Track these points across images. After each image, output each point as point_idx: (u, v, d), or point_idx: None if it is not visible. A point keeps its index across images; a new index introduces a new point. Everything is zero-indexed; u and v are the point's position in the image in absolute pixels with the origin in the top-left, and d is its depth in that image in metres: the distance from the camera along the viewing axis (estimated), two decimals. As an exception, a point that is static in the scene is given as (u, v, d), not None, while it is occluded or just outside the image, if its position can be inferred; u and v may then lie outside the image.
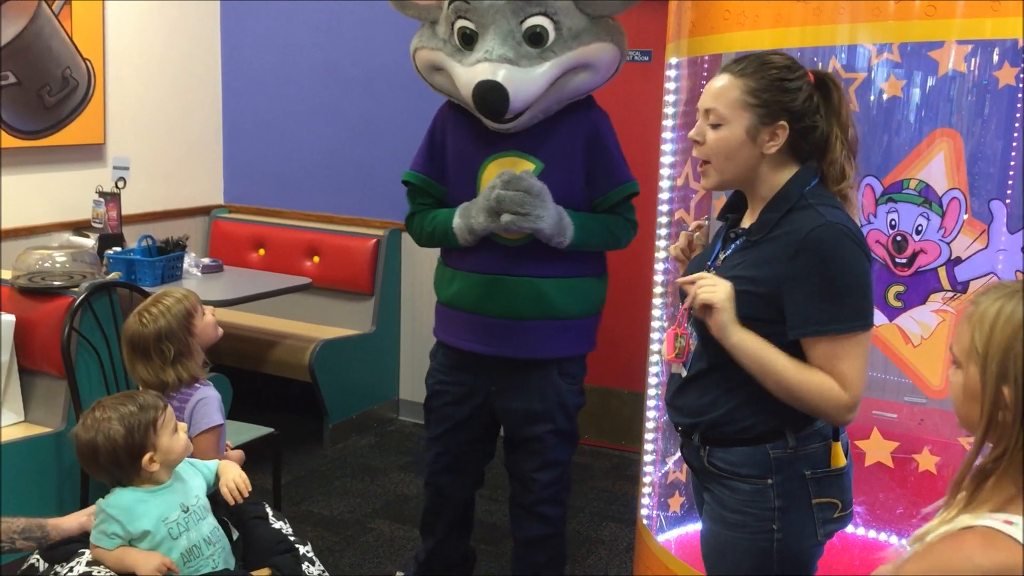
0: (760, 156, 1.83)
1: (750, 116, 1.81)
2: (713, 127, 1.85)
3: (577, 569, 3.41)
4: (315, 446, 4.42)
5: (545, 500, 2.75)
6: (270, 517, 2.11)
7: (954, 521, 1.27)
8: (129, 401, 1.94)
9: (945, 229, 2.59)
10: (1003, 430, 1.26)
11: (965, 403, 1.32)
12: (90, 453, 1.90)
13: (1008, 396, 1.25)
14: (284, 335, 4.54)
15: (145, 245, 3.88)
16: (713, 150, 1.85)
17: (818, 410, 1.80)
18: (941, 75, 2.54)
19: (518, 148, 2.59)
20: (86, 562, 1.88)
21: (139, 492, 1.92)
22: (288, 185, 4.99)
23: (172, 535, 1.90)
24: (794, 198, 1.83)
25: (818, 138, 1.84)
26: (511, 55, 2.47)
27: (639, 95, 4.22)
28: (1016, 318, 1.25)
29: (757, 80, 1.81)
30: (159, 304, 2.34)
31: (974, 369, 1.29)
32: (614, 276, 4.41)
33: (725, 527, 1.91)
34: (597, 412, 4.56)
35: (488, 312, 2.63)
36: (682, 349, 1.93)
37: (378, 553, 3.47)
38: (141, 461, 1.90)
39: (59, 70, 4.17)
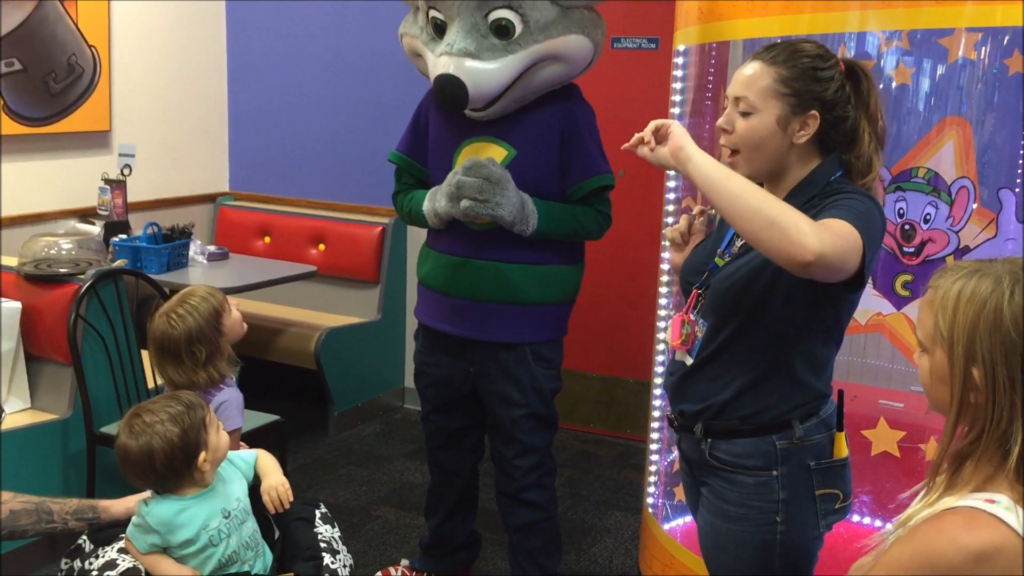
0: (789, 146, 1.81)
1: (781, 105, 1.78)
2: (743, 115, 1.81)
3: (582, 557, 3.41)
4: (320, 434, 4.43)
5: (528, 487, 2.77)
6: (316, 520, 2.06)
7: (936, 504, 1.27)
8: (174, 401, 1.88)
9: (954, 218, 2.58)
10: (976, 411, 1.25)
11: (934, 386, 1.31)
12: (145, 459, 1.81)
13: (978, 377, 1.24)
14: (289, 323, 4.54)
15: (151, 232, 3.88)
16: (742, 139, 1.82)
17: (777, 233, 1.59)
18: (951, 63, 2.52)
19: (492, 134, 2.61)
20: (117, 548, 1.88)
21: (182, 501, 1.85)
22: (293, 172, 4.99)
23: (213, 542, 1.85)
24: (820, 186, 1.81)
25: (848, 129, 1.82)
26: (472, 48, 2.48)
27: (646, 83, 4.20)
28: (977, 297, 1.24)
29: (789, 68, 1.79)
30: (185, 304, 2.28)
31: (941, 353, 1.27)
32: (619, 265, 4.43)
33: (726, 521, 1.89)
34: (602, 401, 4.57)
35: (454, 293, 2.67)
36: (688, 336, 1.92)
37: (383, 541, 3.47)
38: (197, 461, 1.84)
39: (64, 57, 4.16)
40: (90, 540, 1.91)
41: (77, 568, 1.88)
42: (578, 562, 3.37)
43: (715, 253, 1.93)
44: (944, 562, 1.18)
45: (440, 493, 2.99)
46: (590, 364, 4.55)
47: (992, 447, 1.24)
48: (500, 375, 2.69)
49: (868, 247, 1.66)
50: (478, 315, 2.65)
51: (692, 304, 1.93)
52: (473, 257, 2.63)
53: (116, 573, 1.80)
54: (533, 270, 2.63)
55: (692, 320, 1.92)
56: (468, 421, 2.88)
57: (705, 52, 2.76)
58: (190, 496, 1.86)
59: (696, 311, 1.92)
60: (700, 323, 1.91)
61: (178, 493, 1.86)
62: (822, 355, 1.86)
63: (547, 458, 2.80)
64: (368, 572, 3.13)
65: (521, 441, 2.73)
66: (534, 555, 2.81)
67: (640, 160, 1.88)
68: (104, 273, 3.21)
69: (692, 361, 1.92)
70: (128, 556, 1.85)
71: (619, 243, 4.41)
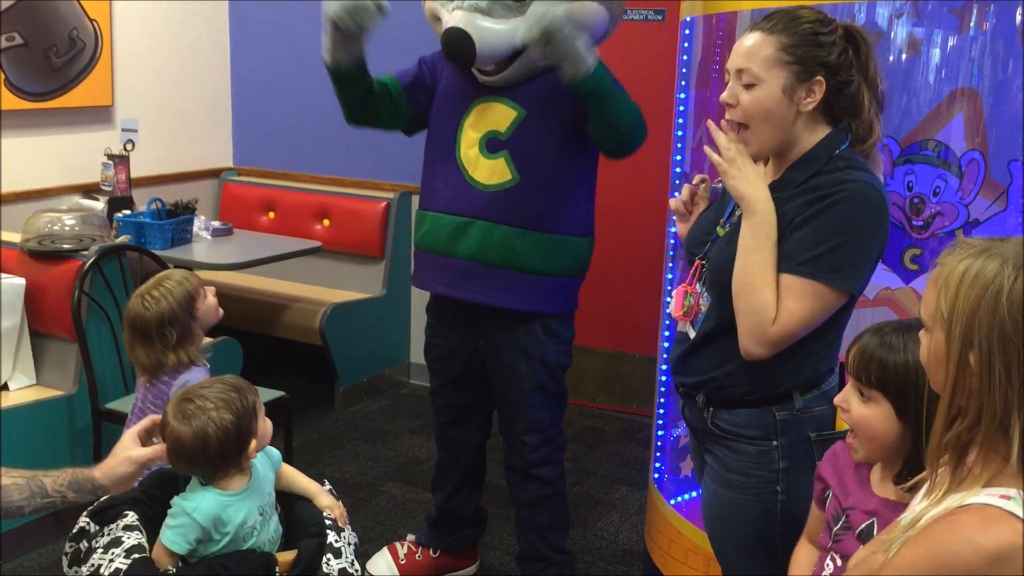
0: (796, 115, 1.79)
1: (786, 74, 1.76)
2: (747, 87, 1.78)
3: (588, 532, 3.41)
4: (326, 410, 4.43)
5: (538, 462, 2.76)
6: None
7: (943, 501, 1.22)
8: (225, 386, 1.82)
9: (963, 191, 2.55)
10: (971, 396, 1.20)
11: (933, 367, 1.27)
12: (199, 446, 1.76)
13: (974, 362, 1.19)
14: (294, 299, 4.53)
15: (155, 208, 3.86)
16: (748, 112, 1.79)
17: (741, 324, 1.78)
18: (962, 33, 2.49)
19: (502, 95, 2.55)
20: (123, 526, 1.86)
21: (224, 496, 1.81)
22: (297, 147, 4.96)
23: (245, 539, 1.82)
24: (823, 160, 1.79)
25: (851, 94, 1.80)
26: (484, 6, 2.43)
27: (652, 55, 4.16)
28: (981, 279, 1.19)
29: (790, 36, 1.76)
30: (161, 286, 2.31)
31: (940, 334, 1.23)
32: (625, 239, 4.41)
33: (728, 488, 1.90)
34: (608, 376, 4.56)
35: (456, 254, 2.59)
36: (691, 308, 1.91)
37: (389, 516, 3.48)
38: (248, 449, 1.80)
39: (66, 31, 4.13)
40: (94, 521, 1.89)
41: (84, 548, 1.87)
42: (584, 537, 3.37)
43: (717, 222, 1.92)
44: (960, 563, 1.14)
45: (447, 469, 2.98)
46: (596, 339, 4.54)
47: (994, 438, 1.19)
48: (510, 348, 2.67)
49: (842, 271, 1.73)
50: (481, 277, 2.59)
51: (695, 274, 1.92)
52: (479, 218, 2.56)
53: (122, 550, 1.78)
54: (540, 237, 2.57)
55: (696, 292, 1.91)
56: (477, 397, 2.86)
57: (712, 23, 2.72)
58: (232, 492, 1.82)
59: (700, 282, 1.91)
60: (703, 294, 1.90)
61: (221, 484, 1.81)
62: (830, 334, 1.84)
63: (556, 434, 2.79)
64: (374, 547, 3.14)
65: (530, 417, 2.71)
66: (543, 530, 2.81)
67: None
68: (108, 249, 3.20)
69: (695, 333, 1.90)
70: (134, 533, 1.84)
71: (625, 217, 4.38)
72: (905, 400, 1.55)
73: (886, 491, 1.61)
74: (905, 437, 1.57)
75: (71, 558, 1.88)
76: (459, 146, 2.59)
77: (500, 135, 2.54)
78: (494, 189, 2.55)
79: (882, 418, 1.57)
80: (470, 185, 2.57)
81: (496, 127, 2.55)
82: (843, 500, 1.65)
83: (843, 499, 1.65)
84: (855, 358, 1.61)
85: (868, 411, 1.59)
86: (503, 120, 2.54)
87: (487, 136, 2.55)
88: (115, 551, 1.79)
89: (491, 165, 2.54)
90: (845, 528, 1.63)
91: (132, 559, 1.76)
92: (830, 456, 1.73)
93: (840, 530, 1.64)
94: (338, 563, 1.84)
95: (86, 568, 1.81)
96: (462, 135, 2.58)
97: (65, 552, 1.90)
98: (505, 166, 2.54)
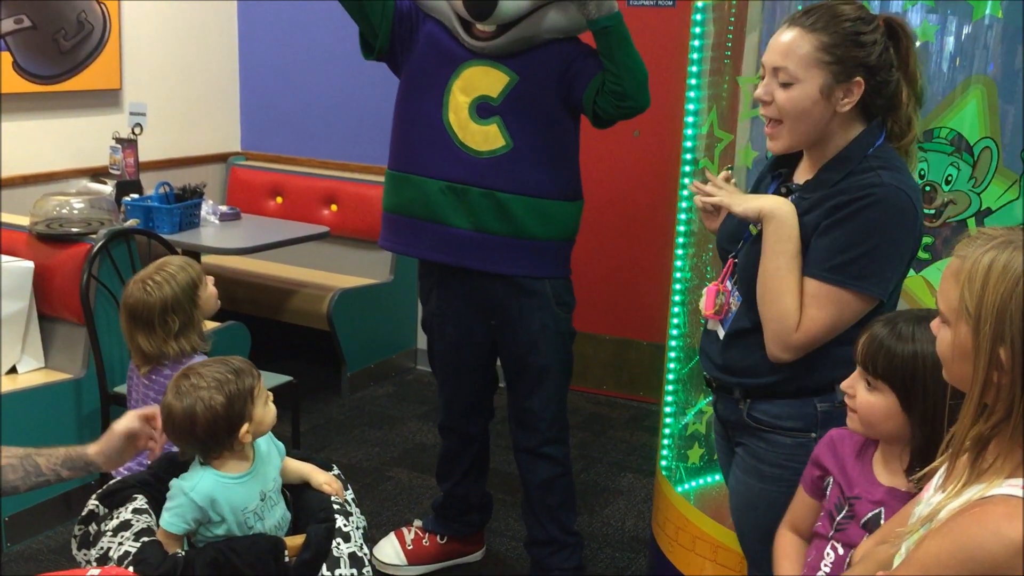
0: (832, 114, 1.76)
1: (824, 74, 1.72)
2: (784, 86, 1.75)
3: (595, 519, 3.41)
4: (333, 395, 4.43)
5: (550, 440, 2.76)
6: None
7: (962, 494, 1.20)
8: (224, 367, 1.82)
9: (976, 179, 2.54)
10: (1000, 392, 1.18)
11: (955, 361, 1.24)
12: (187, 423, 1.76)
13: (1005, 358, 1.16)
14: (302, 284, 4.53)
15: (163, 192, 3.86)
16: (784, 110, 1.76)
17: (766, 330, 1.78)
18: (976, 21, 2.47)
19: (493, 59, 2.51)
20: (132, 509, 1.86)
21: (223, 478, 1.81)
22: (305, 132, 4.95)
23: (248, 524, 1.82)
24: (856, 160, 1.76)
25: (890, 93, 1.76)
26: None
27: (663, 41, 4.14)
28: (1010, 272, 1.16)
29: (831, 35, 1.71)
30: (163, 271, 2.26)
31: (965, 328, 1.20)
32: (633, 225, 4.39)
33: (760, 480, 1.88)
34: (615, 363, 4.55)
35: (452, 223, 2.56)
36: (721, 306, 1.89)
37: (396, 501, 3.48)
38: (239, 432, 1.78)
39: (74, 14, 4.11)
40: (103, 504, 1.89)
41: (93, 531, 1.87)
42: (591, 523, 3.37)
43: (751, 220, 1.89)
44: (987, 556, 1.12)
45: (453, 457, 2.98)
46: (603, 326, 4.53)
47: (1018, 430, 1.17)
48: (525, 324, 2.65)
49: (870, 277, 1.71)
50: (484, 246, 2.56)
51: (728, 273, 1.90)
52: (475, 185, 2.53)
53: (131, 533, 1.79)
54: (536, 203, 2.55)
55: (727, 290, 1.89)
56: (483, 381, 2.87)
57: (724, 9, 2.71)
58: (231, 475, 1.82)
59: (732, 281, 1.89)
60: (735, 293, 1.88)
61: (219, 465, 1.82)
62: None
63: (565, 410, 2.80)
64: (381, 533, 3.14)
65: (548, 391, 2.72)
66: (553, 511, 2.82)
67: (655, 121, 1.87)
68: (116, 233, 3.20)
69: (724, 332, 1.89)
70: (143, 517, 1.84)
71: (633, 204, 4.37)
72: (910, 394, 1.55)
73: (893, 480, 1.60)
74: (913, 431, 1.56)
75: (80, 541, 1.89)
76: (447, 109, 2.54)
77: (492, 100, 2.51)
78: (487, 155, 2.52)
79: (885, 410, 1.57)
80: (460, 150, 2.53)
81: (488, 92, 2.51)
82: (847, 489, 1.64)
83: (847, 488, 1.64)
84: (864, 347, 1.61)
85: (872, 399, 1.59)
86: (495, 85, 2.51)
87: (477, 101, 2.52)
88: (124, 534, 1.80)
89: (483, 131, 2.52)
90: (848, 517, 1.63)
91: (141, 542, 1.76)
92: (827, 443, 1.72)
93: (844, 519, 1.63)
94: (347, 547, 1.84)
95: (95, 551, 1.82)
96: (450, 98, 2.53)
97: (74, 535, 1.91)
98: (498, 132, 2.52)
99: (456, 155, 2.54)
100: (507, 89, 2.50)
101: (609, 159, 4.35)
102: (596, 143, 4.32)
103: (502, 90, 2.50)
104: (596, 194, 4.42)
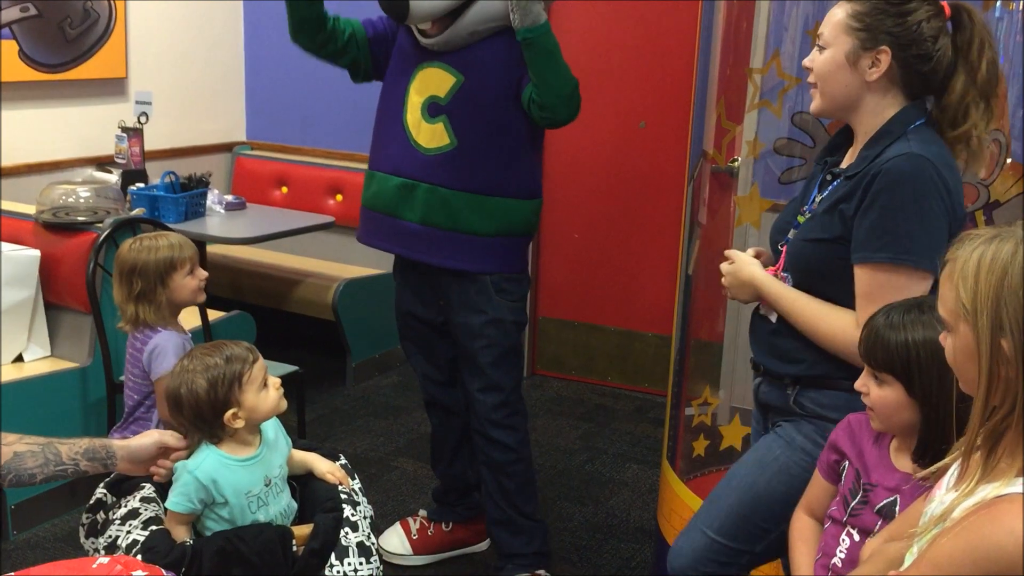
0: (863, 84, 1.77)
1: (851, 40, 1.76)
2: (820, 51, 1.81)
3: (600, 510, 3.42)
4: (338, 384, 4.44)
5: (496, 424, 2.78)
6: None
7: (975, 492, 1.19)
8: (216, 352, 1.84)
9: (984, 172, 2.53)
10: (1007, 385, 1.16)
11: (963, 364, 1.24)
12: (175, 404, 1.82)
13: (1007, 349, 1.15)
14: (307, 273, 4.53)
15: (168, 181, 3.86)
16: (817, 73, 1.82)
17: (835, 349, 1.78)
18: (986, 12, 2.46)
19: (443, 61, 2.60)
20: (140, 498, 1.87)
21: (228, 459, 1.82)
22: (311, 122, 4.94)
23: (251, 509, 1.83)
24: (896, 135, 1.76)
25: (929, 71, 1.76)
26: None
27: (672, 30, 4.13)
28: (999, 262, 1.16)
29: (863, 3, 1.76)
30: (154, 240, 2.37)
31: (965, 327, 1.19)
32: (638, 216, 4.38)
33: (788, 448, 1.87)
34: (620, 354, 4.55)
35: (403, 216, 2.68)
36: None
37: (401, 491, 3.48)
38: (223, 417, 1.80)
39: (80, 2, 4.11)
40: (111, 493, 1.90)
41: (101, 520, 1.87)
42: (596, 514, 3.38)
43: (799, 210, 1.91)
44: (1003, 555, 1.11)
45: (442, 436, 3.02)
46: (608, 317, 4.53)
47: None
48: (464, 307, 2.72)
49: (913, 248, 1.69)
50: (429, 239, 2.67)
51: (782, 262, 1.90)
52: (423, 181, 2.63)
53: (139, 522, 1.79)
54: (481, 200, 2.62)
55: (784, 277, 1.89)
56: (452, 354, 2.90)
57: None
58: (236, 457, 1.83)
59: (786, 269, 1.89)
60: (789, 280, 1.88)
61: (221, 446, 1.83)
62: None
63: (513, 398, 2.82)
64: (386, 523, 3.14)
65: (487, 375, 2.75)
66: (510, 496, 2.84)
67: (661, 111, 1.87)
68: (122, 222, 3.20)
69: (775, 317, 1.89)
70: (151, 505, 1.84)
71: (638, 194, 4.36)
72: (911, 379, 1.56)
73: (906, 465, 1.60)
74: (916, 415, 1.56)
75: (88, 529, 1.89)
76: (406, 109, 2.65)
77: (440, 100, 2.59)
78: (433, 153, 2.61)
79: (895, 401, 1.58)
80: (413, 148, 2.63)
81: (437, 92, 2.60)
82: (864, 475, 1.64)
83: (864, 474, 1.64)
84: (863, 341, 1.61)
85: (883, 393, 1.59)
86: (443, 85, 2.58)
87: (428, 101, 2.61)
88: (132, 523, 1.80)
89: (431, 129, 2.60)
90: (863, 503, 1.63)
91: (149, 531, 1.77)
92: (845, 427, 1.72)
93: (858, 504, 1.63)
94: (356, 536, 1.85)
95: (103, 539, 1.83)
96: (408, 99, 2.65)
97: (82, 523, 1.91)
98: (444, 130, 2.60)
99: (410, 153, 2.64)
100: (454, 89, 2.58)
101: (615, 150, 4.35)
102: (602, 134, 4.32)
103: (449, 90, 2.58)
104: (601, 185, 4.43)
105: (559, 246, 4.58)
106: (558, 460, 3.79)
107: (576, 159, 4.43)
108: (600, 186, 4.42)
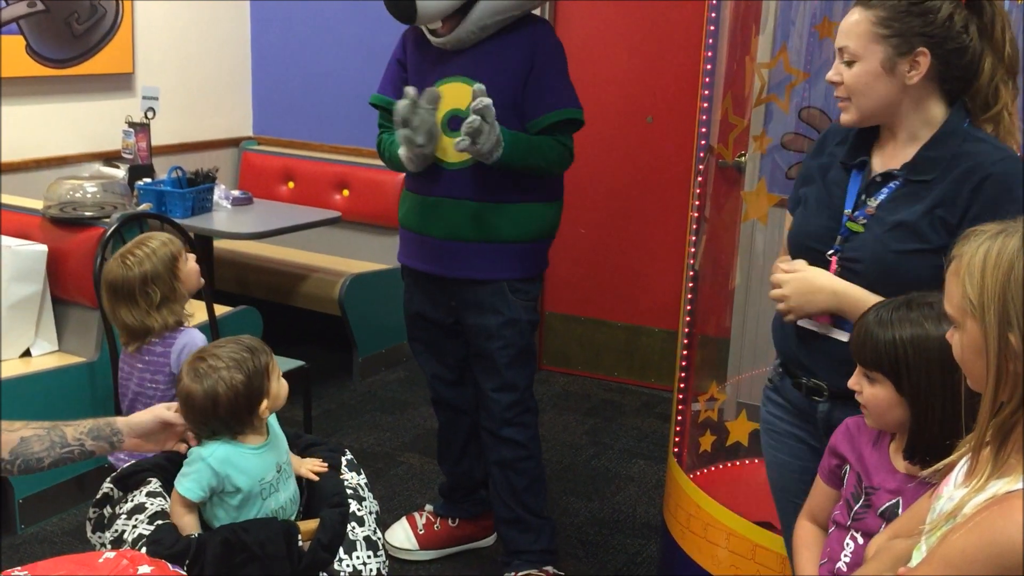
0: (903, 88, 1.73)
1: (884, 48, 1.70)
2: (848, 65, 1.75)
3: (606, 505, 3.42)
4: (345, 379, 4.44)
5: (508, 422, 2.79)
6: (342, 466, 2.02)
7: (986, 488, 1.18)
8: (238, 346, 1.83)
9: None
10: (1015, 381, 1.16)
11: (971, 361, 1.23)
12: (209, 404, 1.78)
13: (1015, 343, 1.15)
14: (314, 268, 4.53)
15: (175, 176, 3.86)
16: (851, 88, 1.75)
17: None
18: (995, 6, 2.44)
19: (462, 72, 2.59)
20: (146, 492, 1.87)
21: (241, 447, 1.82)
22: (317, 117, 4.94)
23: (263, 496, 1.83)
24: (961, 134, 1.73)
25: (967, 62, 1.72)
26: None
27: (679, 25, 4.12)
28: (1005, 257, 1.16)
29: (886, 8, 1.70)
30: (143, 247, 2.33)
31: (973, 324, 1.19)
32: (645, 212, 4.38)
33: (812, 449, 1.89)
34: (627, 349, 4.55)
35: (431, 233, 2.70)
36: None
37: (407, 486, 3.49)
38: (259, 409, 1.81)
39: (87, -2, 4.12)
40: (117, 487, 1.90)
41: (107, 514, 1.88)
42: (602, 510, 3.38)
43: (841, 215, 1.81)
44: (1016, 550, 1.10)
45: (450, 434, 3.01)
46: (615, 313, 4.52)
47: None
48: (479, 308, 2.72)
49: None
50: (455, 254, 2.68)
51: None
52: (447, 196, 2.64)
53: (145, 516, 1.80)
54: (507, 208, 2.63)
55: None
56: (462, 354, 2.90)
57: (740, -6, 2.69)
58: (249, 446, 1.83)
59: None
60: None
61: (236, 439, 1.83)
62: None
63: (526, 396, 2.82)
64: (392, 518, 3.15)
65: (501, 375, 2.75)
66: (519, 494, 2.84)
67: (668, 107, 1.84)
68: (129, 217, 3.20)
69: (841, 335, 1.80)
70: (157, 500, 1.84)
71: (646, 190, 4.36)
72: (899, 376, 1.55)
73: (909, 468, 1.60)
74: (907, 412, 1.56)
75: (95, 524, 1.89)
76: None
77: (461, 113, 2.57)
78: (458, 167, 2.61)
79: (887, 400, 1.57)
80: (437, 165, 2.63)
81: (458, 105, 2.58)
82: (865, 479, 1.63)
83: (865, 478, 1.63)
84: (853, 340, 1.60)
85: (875, 392, 1.59)
86: (464, 98, 2.55)
87: (449, 115, 2.60)
88: (138, 517, 1.80)
89: (452, 143, 2.57)
90: (866, 507, 1.62)
91: (155, 525, 1.77)
92: (844, 431, 1.71)
93: (861, 508, 1.63)
94: (362, 531, 1.85)
95: (109, 534, 1.83)
96: None
97: (88, 517, 1.91)
98: None
99: (434, 169, 2.65)
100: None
101: (622, 145, 4.34)
102: (609, 129, 4.31)
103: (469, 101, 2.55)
104: (608, 180, 4.42)
105: (565, 241, 4.56)
106: (564, 455, 3.79)
107: (582, 154, 4.39)
108: (607, 181, 4.41)
